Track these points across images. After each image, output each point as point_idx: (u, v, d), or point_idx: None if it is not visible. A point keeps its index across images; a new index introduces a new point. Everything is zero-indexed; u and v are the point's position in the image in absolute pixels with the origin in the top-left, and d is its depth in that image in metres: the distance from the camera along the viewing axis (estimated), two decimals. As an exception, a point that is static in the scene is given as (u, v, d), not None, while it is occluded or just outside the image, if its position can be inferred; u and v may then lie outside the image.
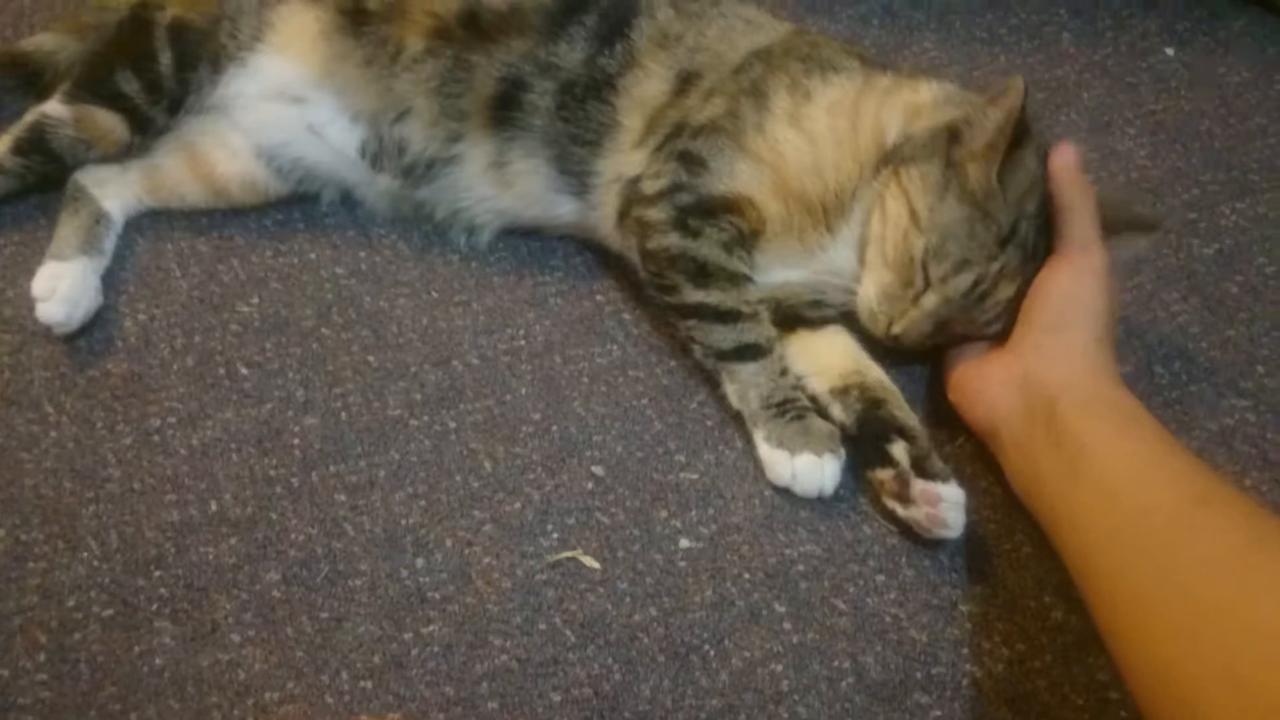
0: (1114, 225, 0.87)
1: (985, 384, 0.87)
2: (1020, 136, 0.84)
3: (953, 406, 0.91)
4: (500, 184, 0.98)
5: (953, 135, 0.86)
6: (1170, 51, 1.26)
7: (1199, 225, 1.10)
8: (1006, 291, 0.86)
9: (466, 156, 0.98)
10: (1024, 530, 0.87)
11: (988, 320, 0.88)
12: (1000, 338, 0.89)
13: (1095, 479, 0.76)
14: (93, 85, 0.97)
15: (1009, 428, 0.84)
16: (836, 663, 0.80)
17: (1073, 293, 0.84)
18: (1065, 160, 0.85)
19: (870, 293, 0.89)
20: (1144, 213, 0.96)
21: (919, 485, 0.85)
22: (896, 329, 0.88)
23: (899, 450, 0.87)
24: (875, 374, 0.93)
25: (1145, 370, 0.99)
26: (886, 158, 0.89)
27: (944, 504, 0.85)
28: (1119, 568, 0.71)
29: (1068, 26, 1.27)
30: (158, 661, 0.77)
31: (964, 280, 0.85)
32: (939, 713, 0.78)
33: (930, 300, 0.86)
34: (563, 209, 0.99)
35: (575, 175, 0.97)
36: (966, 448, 0.91)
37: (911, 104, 0.92)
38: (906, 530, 0.86)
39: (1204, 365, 1.00)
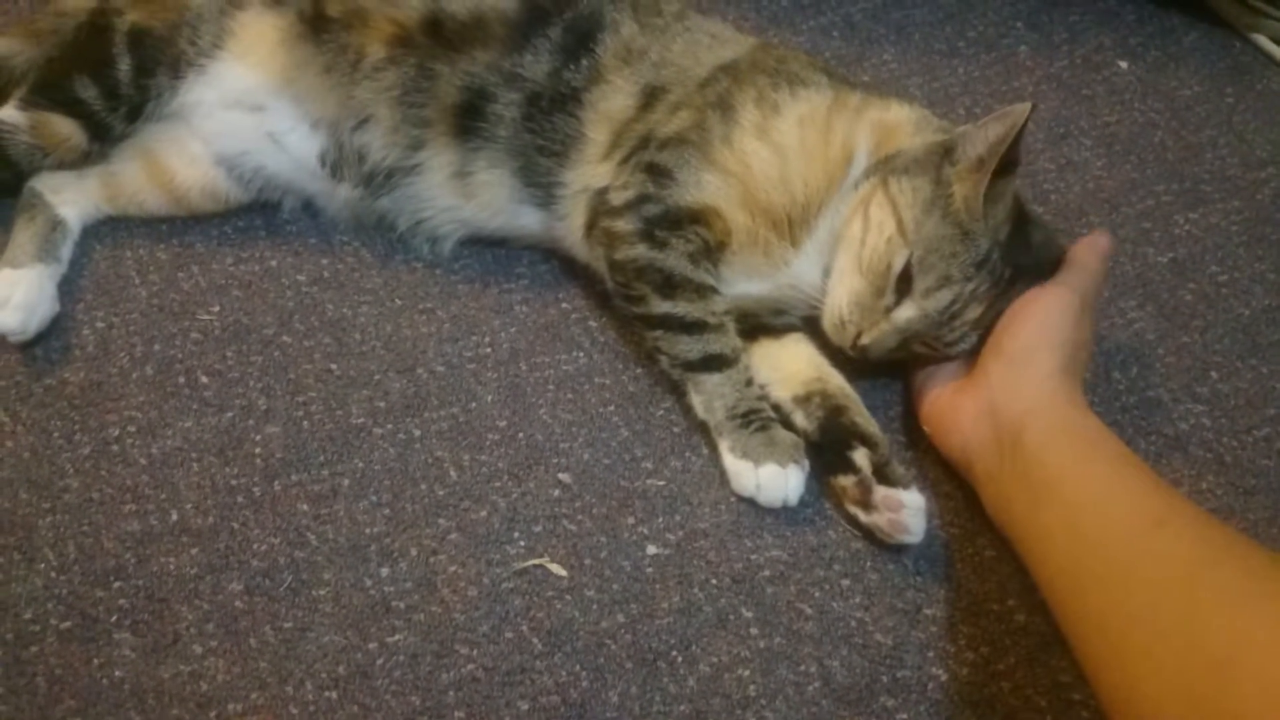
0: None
1: (958, 417, 0.88)
2: (1009, 165, 0.85)
3: (929, 438, 0.92)
4: (463, 194, 0.98)
5: (946, 154, 0.87)
6: (1124, 65, 1.29)
7: (1153, 234, 1.13)
8: (974, 313, 0.87)
9: (428, 166, 0.97)
10: (986, 535, 0.88)
11: (951, 341, 0.89)
12: (963, 361, 0.90)
13: (1058, 507, 0.77)
14: (50, 91, 0.95)
15: (982, 460, 0.85)
16: (803, 667, 0.80)
17: (1042, 323, 0.85)
18: (1101, 245, 0.92)
19: (840, 301, 0.89)
20: None
21: (881, 492, 0.86)
22: (866, 340, 0.88)
23: (860, 457, 0.88)
24: (836, 381, 0.93)
25: (1103, 376, 1.00)
26: (875, 167, 0.90)
27: (906, 510, 0.85)
28: (1084, 593, 0.72)
29: (1024, 39, 1.29)
30: (118, 674, 0.76)
31: (944, 297, 0.86)
32: (905, 716, 0.78)
33: (905, 314, 0.87)
34: (527, 219, 0.99)
35: (541, 186, 0.96)
36: (929, 454, 0.92)
37: (881, 122, 0.93)
38: (869, 536, 0.87)
39: (1160, 371, 1.02)
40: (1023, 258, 0.88)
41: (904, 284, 0.86)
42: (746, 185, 0.91)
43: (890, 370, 0.96)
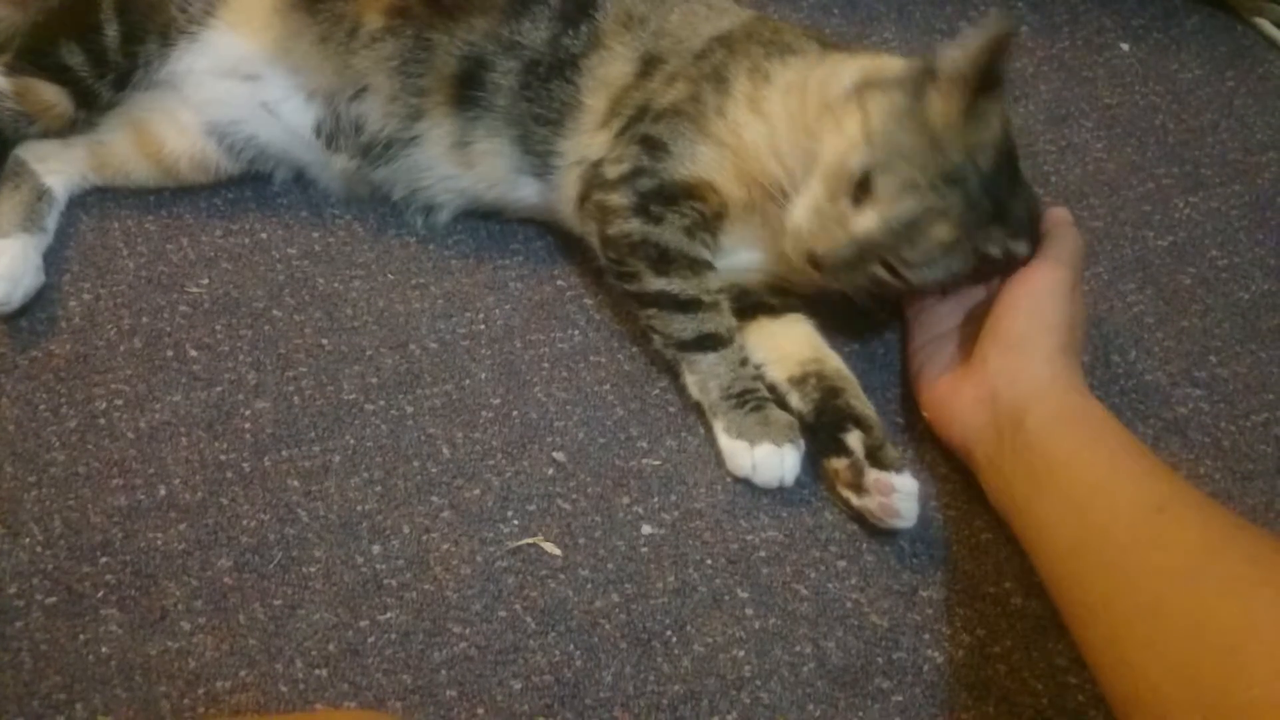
0: None
1: (958, 404, 0.87)
2: (991, 84, 0.82)
3: (929, 425, 0.91)
4: (462, 164, 0.97)
5: (928, 73, 0.84)
6: (1125, 47, 1.28)
7: (1154, 218, 1.12)
8: (941, 234, 0.82)
9: (427, 136, 0.96)
10: (983, 517, 0.87)
11: (915, 262, 0.84)
12: (962, 347, 0.89)
13: (1060, 492, 0.77)
14: (35, 56, 0.93)
15: (982, 446, 0.84)
16: (798, 648, 0.79)
17: (1038, 305, 0.85)
18: (1065, 216, 0.92)
19: (801, 209, 0.85)
20: None
21: (873, 475, 0.85)
22: (820, 249, 0.84)
23: (854, 440, 0.87)
24: (834, 363, 0.92)
25: (1102, 359, 1.00)
26: (854, 88, 0.86)
27: (897, 494, 0.84)
28: (1086, 580, 0.72)
29: (1026, 20, 1.28)
30: (104, 650, 0.75)
31: (906, 206, 0.81)
32: (900, 697, 0.78)
33: (864, 223, 0.82)
34: (525, 190, 0.98)
35: (538, 155, 0.95)
36: (925, 436, 0.92)
37: (866, 66, 0.89)
38: (861, 519, 0.86)
39: (1159, 355, 1.01)
40: (1007, 198, 0.84)
41: (864, 192, 0.82)
42: (740, 157, 0.90)
43: (889, 353, 0.96)
